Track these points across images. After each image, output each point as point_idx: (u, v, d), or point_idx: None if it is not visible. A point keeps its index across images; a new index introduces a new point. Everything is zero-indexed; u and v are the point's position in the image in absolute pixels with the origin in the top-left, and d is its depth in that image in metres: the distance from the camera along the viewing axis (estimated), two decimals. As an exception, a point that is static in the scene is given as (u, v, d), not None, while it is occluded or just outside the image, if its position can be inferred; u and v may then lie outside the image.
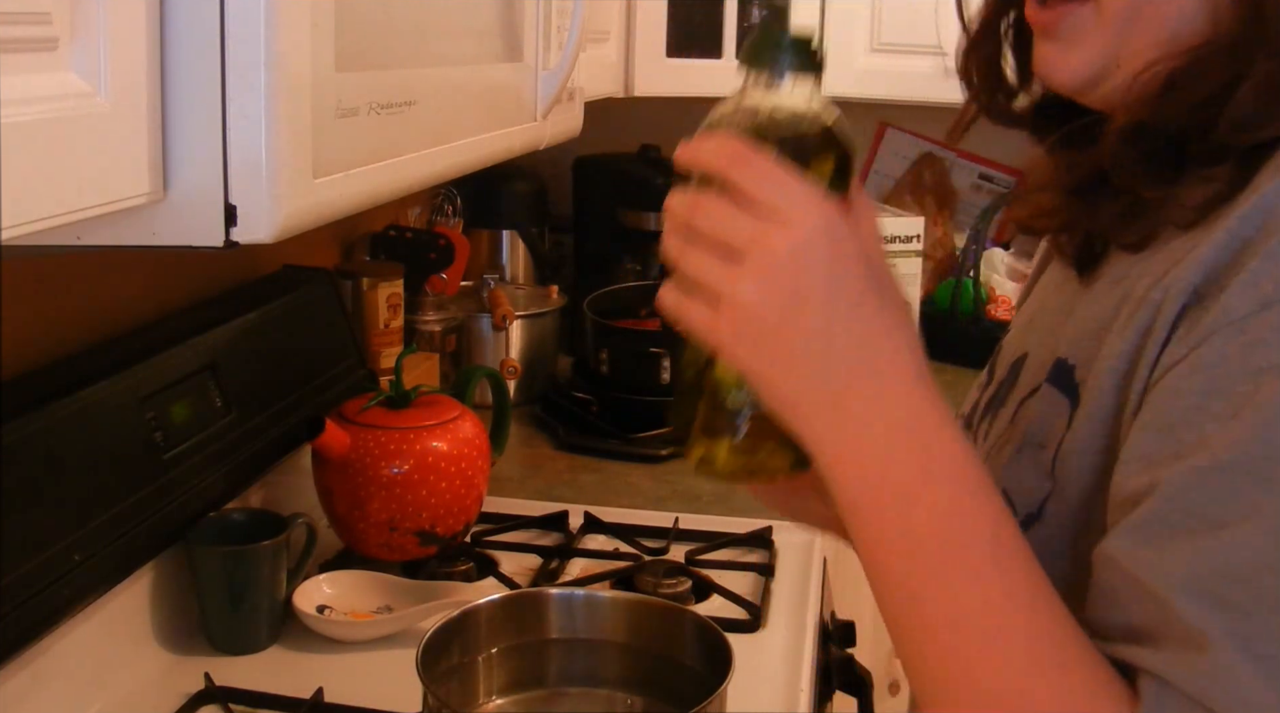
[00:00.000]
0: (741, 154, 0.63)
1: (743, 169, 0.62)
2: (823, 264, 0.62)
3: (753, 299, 0.62)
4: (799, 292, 0.62)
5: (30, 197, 0.56)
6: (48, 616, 1.02)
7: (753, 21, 2.22)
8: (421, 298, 1.89)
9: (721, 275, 0.62)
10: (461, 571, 1.40)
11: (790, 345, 0.62)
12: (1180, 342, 0.63)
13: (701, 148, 0.64)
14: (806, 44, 0.68)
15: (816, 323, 0.62)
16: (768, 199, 0.62)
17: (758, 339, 0.62)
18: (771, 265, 0.62)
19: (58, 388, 1.10)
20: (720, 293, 0.62)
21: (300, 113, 0.71)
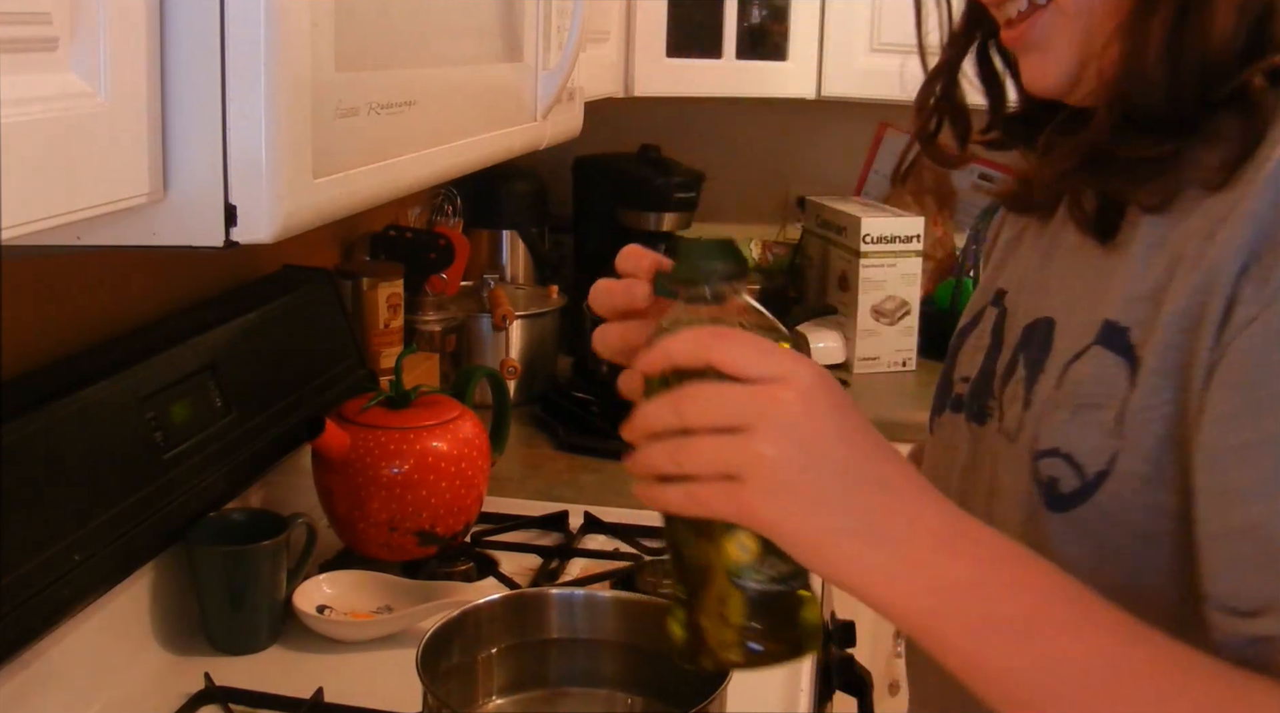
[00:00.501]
0: (717, 333, 0.66)
1: (725, 344, 0.65)
2: (827, 404, 0.65)
3: (775, 453, 0.63)
4: (816, 435, 0.64)
5: (30, 197, 0.56)
6: (48, 616, 1.02)
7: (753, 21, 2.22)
8: (421, 298, 1.89)
9: (733, 449, 0.64)
10: (461, 571, 1.40)
11: (818, 488, 0.64)
12: (1250, 301, 0.65)
13: (670, 346, 0.67)
14: (731, 249, 0.70)
15: (837, 460, 0.64)
16: (758, 362, 0.65)
17: (787, 492, 0.64)
18: (786, 418, 0.64)
19: (58, 388, 1.10)
20: (735, 466, 0.64)
21: (300, 113, 0.71)
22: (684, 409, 0.66)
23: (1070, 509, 0.74)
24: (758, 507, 0.64)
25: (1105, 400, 0.72)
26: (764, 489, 0.64)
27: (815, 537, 0.64)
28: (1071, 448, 0.74)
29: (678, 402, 0.66)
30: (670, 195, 2.27)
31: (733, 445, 0.64)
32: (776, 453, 0.63)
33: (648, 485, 0.68)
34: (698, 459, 0.65)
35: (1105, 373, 0.73)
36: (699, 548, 0.69)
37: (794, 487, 0.64)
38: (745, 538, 0.68)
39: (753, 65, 2.21)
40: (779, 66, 2.23)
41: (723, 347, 0.65)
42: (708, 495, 0.65)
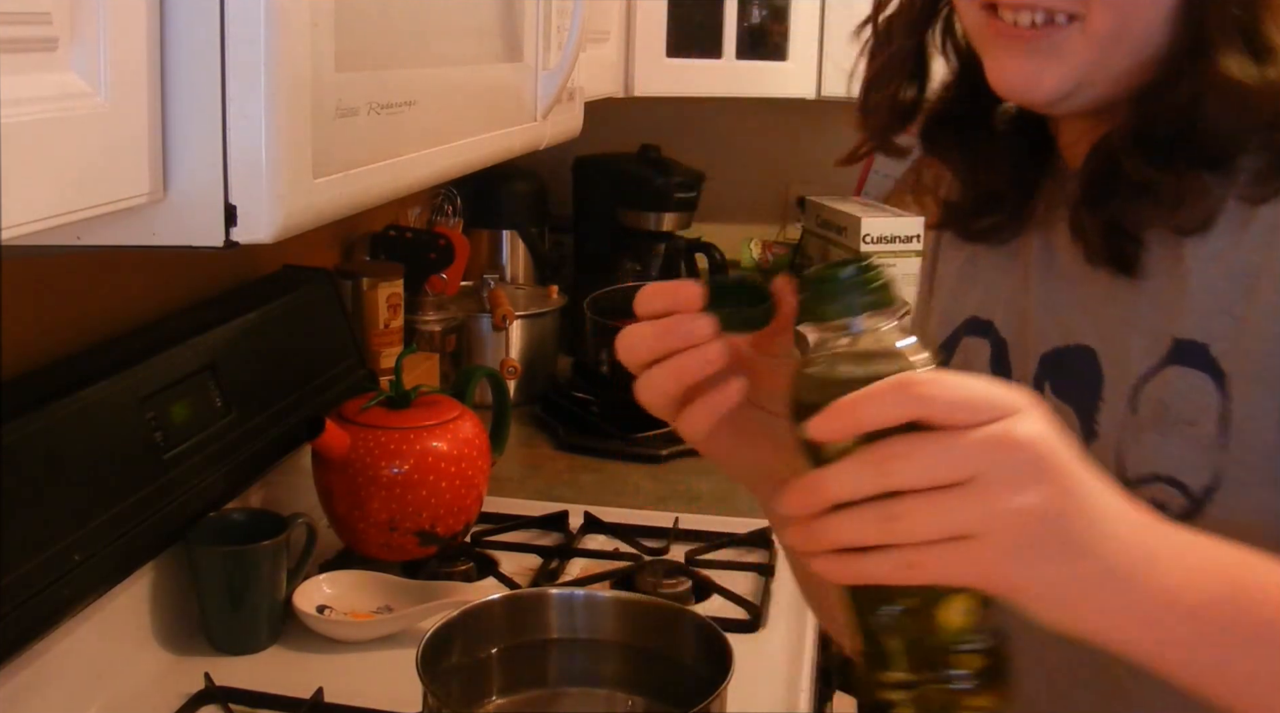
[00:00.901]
0: (919, 381, 0.57)
1: (933, 392, 0.56)
2: (1055, 440, 0.58)
3: (1021, 503, 0.56)
4: (1053, 477, 0.57)
5: (30, 197, 0.56)
6: (48, 616, 1.02)
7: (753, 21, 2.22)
8: (421, 298, 1.89)
9: (965, 505, 0.56)
10: (461, 571, 1.40)
11: (1065, 536, 0.57)
12: None
13: (860, 409, 0.57)
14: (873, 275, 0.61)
15: (1077, 502, 0.58)
16: (976, 406, 0.56)
17: (1032, 545, 0.57)
18: (1020, 464, 0.56)
19: (58, 388, 1.10)
20: (968, 524, 0.56)
21: (300, 113, 0.71)
22: (892, 469, 0.57)
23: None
24: (1000, 567, 0.57)
25: (1198, 416, 0.71)
26: (1006, 547, 0.56)
27: (1063, 589, 0.58)
28: (1171, 470, 0.72)
29: (882, 463, 0.57)
30: (670, 195, 2.27)
31: (963, 501, 0.56)
32: (1021, 503, 0.56)
33: (835, 558, 0.59)
34: (919, 523, 0.56)
35: (1191, 390, 0.71)
36: (908, 622, 0.61)
37: (1040, 538, 0.57)
38: (966, 600, 0.60)
39: (753, 65, 2.21)
40: (779, 66, 2.23)
41: (932, 398, 0.56)
42: (935, 562, 0.57)
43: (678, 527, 1.52)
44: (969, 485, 0.56)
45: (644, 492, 1.72)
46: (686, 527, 1.52)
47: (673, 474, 1.78)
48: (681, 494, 1.71)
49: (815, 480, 0.59)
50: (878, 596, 0.61)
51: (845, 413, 0.58)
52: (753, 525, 1.52)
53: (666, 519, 1.54)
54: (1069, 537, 0.57)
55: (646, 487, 1.74)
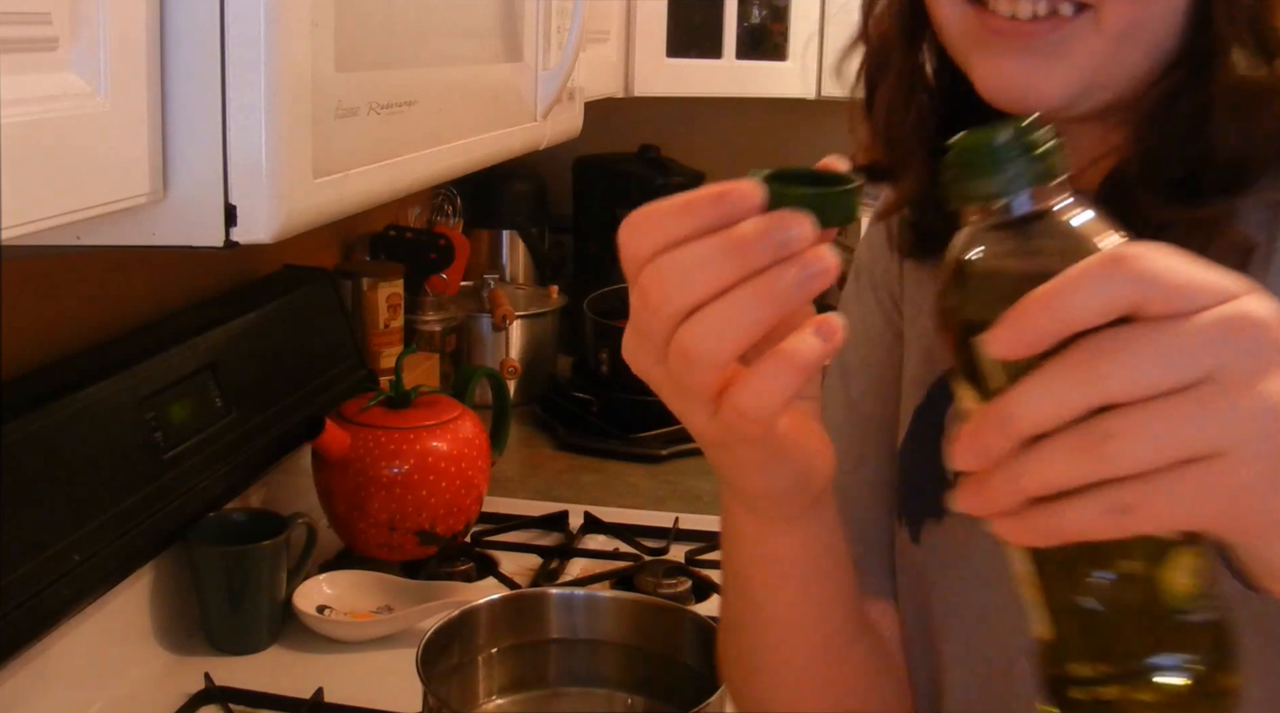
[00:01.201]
0: (1133, 256, 0.42)
1: (1157, 273, 0.42)
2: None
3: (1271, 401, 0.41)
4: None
5: (30, 196, 0.56)
6: (48, 616, 1.02)
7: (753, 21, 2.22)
8: (421, 298, 1.89)
9: (1202, 416, 0.41)
10: (461, 571, 1.40)
11: None
12: None
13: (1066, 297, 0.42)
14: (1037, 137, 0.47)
15: None
16: (1204, 282, 0.42)
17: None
18: (1269, 349, 0.42)
19: (58, 388, 1.10)
20: (1206, 440, 0.41)
21: (300, 113, 0.71)
22: (1106, 373, 0.41)
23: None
24: (1258, 494, 0.42)
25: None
26: (1268, 462, 0.41)
27: None
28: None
29: (1093, 365, 0.41)
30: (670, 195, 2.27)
31: (1200, 407, 0.41)
32: (1275, 400, 0.41)
33: (1029, 516, 0.44)
34: (1140, 445, 0.41)
35: None
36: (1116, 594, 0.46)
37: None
38: (1191, 557, 0.45)
39: (753, 65, 2.21)
40: (779, 66, 2.23)
41: (1152, 274, 0.42)
42: (1160, 500, 0.42)
43: (678, 527, 1.52)
44: (1202, 386, 0.41)
45: (644, 492, 1.72)
46: (686, 527, 1.52)
47: (673, 474, 1.78)
48: (681, 494, 1.71)
49: (1004, 408, 0.43)
50: (1075, 561, 0.46)
51: (1041, 311, 0.42)
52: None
53: (666, 519, 1.54)
54: None
55: (646, 487, 1.73)
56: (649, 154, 2.32)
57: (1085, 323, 0.42)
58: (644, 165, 2.30)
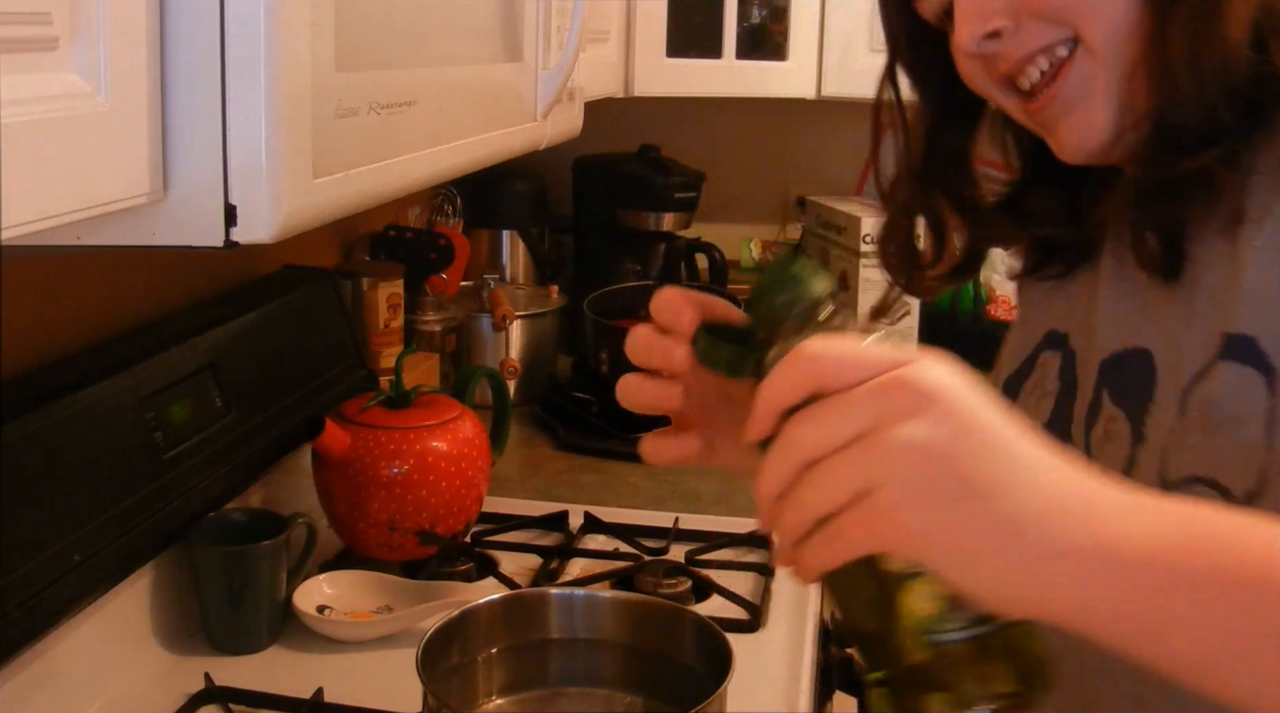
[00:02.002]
0: (806, 348, 0.56)
1: (824, 360, 0.55)
2: (953, 378, 0.54)
3: (915, 437, 0.52)
4: (954, 410, 0.53)
5: (30, 196, 0.56)
6: (48, 616, 1.02)
7: (753, 21, 2.22)
8: (421, 298, 1.89)
9: (861, 458, 0.53)
10: (461, 571, 1.40)
11: (971, 473, 0.53)
12: None
13: (765, 394, 0.56)
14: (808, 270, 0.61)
15: (985, 439, 0.53)
16: (866, 358, 0.55)
17: (933, 484, 0.52)
18: (920, 394, 0.53)
19: (58, 388, 1.10)
20: (865, 477, 0.53)
21: (300, 113, 0.71)
22: (795, 441, 0.55)
23: None
24: (900, 513, 0.52)
25: (1245, 415, 0.68)
26: (907, 488, 0.52)
27: (970, 537, 0.52)
28: (1214, 473, 0.68)
29: (788, 441, 0.55)
30: (670, 195, 2.27)
31: (856, 453, 0.53)
32: (906, 438, 0.52)
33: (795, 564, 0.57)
34: (823, 488, 0.54)
35: (1239, 386, 0.68)
36: (878, 614, 0.56)
37: (934, 478, 0.52)
38: (923, 584, 0.55)
39: (753, 65, 2.21)
40: (779, 66, 2.23)
41: (821, 363, 0.55)
42: (848, 527, 0.53)
43: (677, 527, 1.52)
44: (860, 439, 0.53)
45: (644, 492, 1.72)
46: (686, 527, 1.52)
47: (673, 474, 1.78)
48: (681, 494, 1.71)
49: (758, 478, 0.57)
50: (848, 591, 0.58)
51: (761, 402, 0.57)
52: (752, 525, 1.52)
53: (666, 519, 1.54)
54: (967, 477, 0.52)
55: (646, 487, 1.73)
56: (649, 154, 2.32)
57: (784, 404, 0.55)
58: (644, 165, 2.30)
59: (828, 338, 0.57)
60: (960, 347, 0.64)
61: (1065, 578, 0.52)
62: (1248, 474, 0.67)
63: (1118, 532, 0.53)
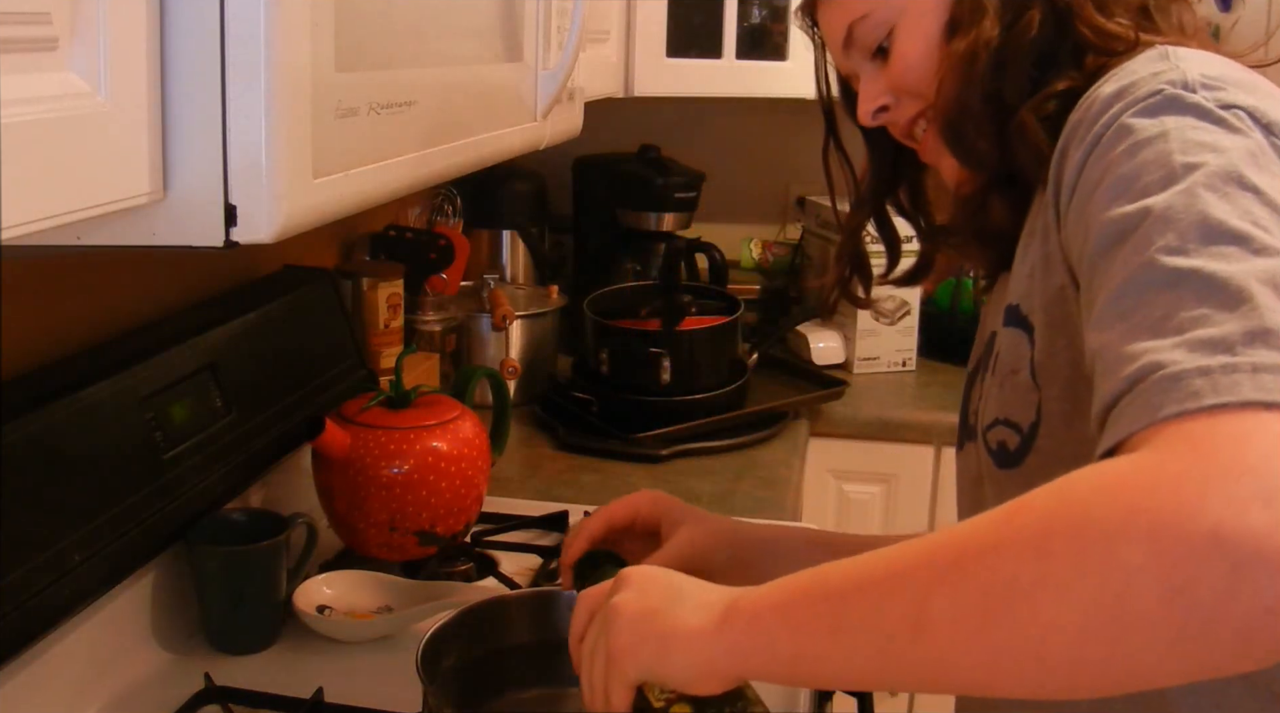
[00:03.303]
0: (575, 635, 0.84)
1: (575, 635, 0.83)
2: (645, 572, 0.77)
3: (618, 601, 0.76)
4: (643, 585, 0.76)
5: (30, 196, 0.56)
6: (48, 616, 1.02)
7: (753, 21, 2.22)
8: (421, 298, 1.89)
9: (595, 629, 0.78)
10: (461, 571, 1.40)
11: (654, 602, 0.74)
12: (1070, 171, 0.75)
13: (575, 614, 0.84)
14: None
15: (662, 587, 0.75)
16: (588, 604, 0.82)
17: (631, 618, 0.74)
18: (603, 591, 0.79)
19: (58, 388, 1.10)
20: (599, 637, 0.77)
21: (300, 113, 0.71)
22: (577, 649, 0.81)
23: (1019, 464, 0.83)
24: (619, 645, 0.74)
25: (1018, 364, 0.83)
26: (618, 631, 0.74)
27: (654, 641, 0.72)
28: (1007, 412, 0.84)
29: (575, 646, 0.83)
30: (670, 195, 2.27)
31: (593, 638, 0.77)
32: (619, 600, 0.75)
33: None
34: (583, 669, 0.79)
35: (1013, 344, 0.84)
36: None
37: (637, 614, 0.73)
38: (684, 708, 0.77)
39: (753, 65, 2.21)
40: (779, 66, 2.23)
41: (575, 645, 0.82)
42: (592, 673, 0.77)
43: (678, 527, 1.51)
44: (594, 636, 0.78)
45: (644, 492, 1.71)
46: (686, 527, 1.52)
47: (673, 474, 1.78)
48: (681, 494, 1.70)
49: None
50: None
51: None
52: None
53: (666, 519, 1.54)
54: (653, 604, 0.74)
55: (646, 487, 1.73)
56: (649, 154, 2.32)
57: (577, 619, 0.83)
58: (644, 165, 2.30)
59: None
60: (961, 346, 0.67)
61: (726, 646, 0.69)
62: (1029, 411, 0.82)
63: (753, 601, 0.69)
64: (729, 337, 1.99)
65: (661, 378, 1.91)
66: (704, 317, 1.98)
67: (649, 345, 1.91)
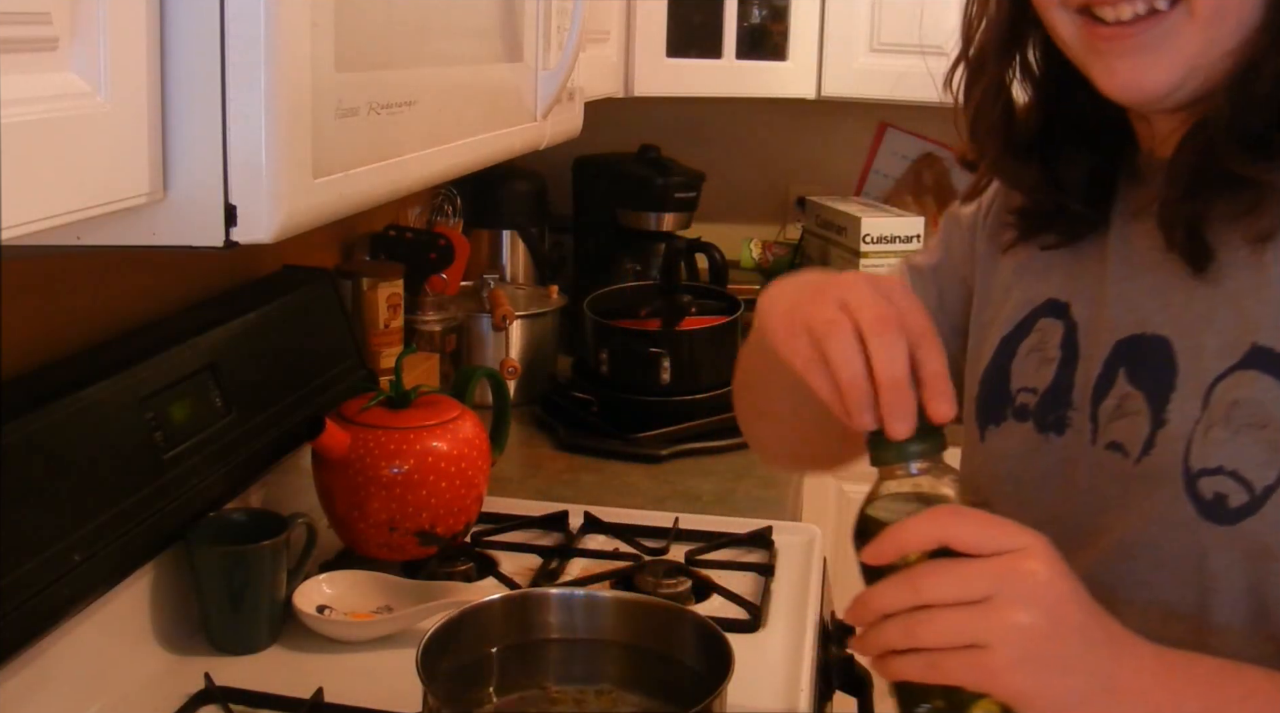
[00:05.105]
0: (946, 515, 0.70)
1: (959, 524, 0.70)
2: (1060, 570, 0.69)
3: (1024, 621, 0.67)
4: (1057, 601, 0.68)
5: (30, 196, 0.56)
6: (48, 616, 1.02)
7: (753, 21, 2.22)
8: (421, 298, 1.89)
9: (979, 619, 0.67)
10: (461, 571, 1.40)
11: (1064, 653, 0.68)
12: None
13: (902, 536, 0.71)
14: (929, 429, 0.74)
15: (1075, 624, 0.69)
16: (993, 538, 0.69)
17: (1035, 659, 0.67)
18: (1029, 587, 0.68)
19: (58, 388, 1.10)
20: (980, 636, 0.67)
21: (300, 113, 0.71)
22: (923, 587, 0.69)
23: (1238, 522, 0.75)
24: (1006, 675, 0.67)
25: (1266, 421, 0.75)
26: (1013, 657, 0.67)
27: (1061, 700, 0.68)
28: (1237, 465, 0.75)
29: (915, 581, 0.69)
30: (670, 195, 2.27)
31: (978, 616, 0.67)
32: (1026, 621, 0.67)
33: (881, 660, 0.71)
34: (940, 633, 0.68)
35: (1263, 395, 0.75)
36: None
37: (1041, 654, 0.67)
38: (990, 704, 0.70)
39: (753, 65, 2.21)
40: (779, 66, 2.23)
41: (957, 527, 0.70)
42: (952, 665, 0.68)
43: (678, 527, 1.52)
44: (984, 603, 0.67)
45: (644, 492, 1.72)
46: (686, 527, 1.52)
47: (673, 474, 1.78)
48: (681, 494, 1.71)
49: (866, 597, 0.71)
50: (917, 695, 0.72)
51: (889, 539, 0.71)
52: (752, 525, 1.52)
53: (666, 519, 1.54)
54: (1062, 655, 0.68)
55: (646, 487, 1.73)
56: (649, 154, 2.32)
57: (912, 548, 0.70)
58: (644, 165, 2.30)
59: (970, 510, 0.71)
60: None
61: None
62: (1269, 471, 0.74)
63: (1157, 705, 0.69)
64: (729, 337, 1.99)
65: (661, 378, 1.91)
66: (704, 317, 1.99)
67: (649, 345, 1.92)
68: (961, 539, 0.69)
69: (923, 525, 0.70)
